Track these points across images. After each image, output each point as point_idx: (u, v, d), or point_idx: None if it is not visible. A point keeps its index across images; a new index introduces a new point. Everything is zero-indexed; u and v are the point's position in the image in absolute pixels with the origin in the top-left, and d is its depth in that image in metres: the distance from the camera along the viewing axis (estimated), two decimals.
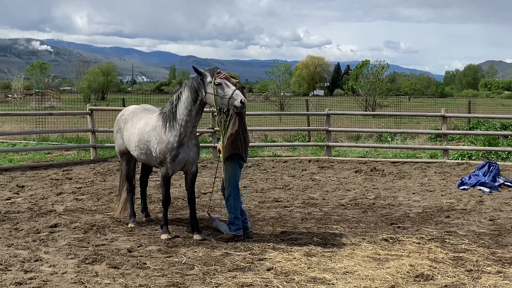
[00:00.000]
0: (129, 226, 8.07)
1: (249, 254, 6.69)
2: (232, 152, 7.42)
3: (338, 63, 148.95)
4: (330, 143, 16.01)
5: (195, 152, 7.50)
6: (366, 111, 40.40)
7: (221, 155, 7.58)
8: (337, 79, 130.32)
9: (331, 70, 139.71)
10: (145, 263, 6.25)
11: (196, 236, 7.44)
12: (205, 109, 7.63)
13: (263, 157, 15.94)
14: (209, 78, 7.12)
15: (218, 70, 7.27)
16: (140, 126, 7.79)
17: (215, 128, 7.15)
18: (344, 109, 32.17)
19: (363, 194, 10.78)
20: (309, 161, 15.06)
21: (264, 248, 6.95)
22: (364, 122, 29.45)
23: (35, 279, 5.66)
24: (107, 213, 8.78)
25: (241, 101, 6.91)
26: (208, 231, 7.80)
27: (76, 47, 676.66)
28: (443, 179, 12.54)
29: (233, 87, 7.02)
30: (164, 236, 7.42)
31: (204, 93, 7.15)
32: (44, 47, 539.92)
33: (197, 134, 7.80)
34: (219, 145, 7.66)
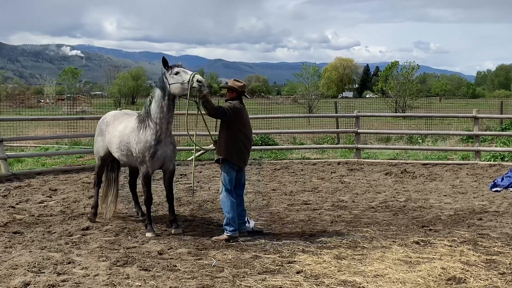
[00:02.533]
0: (91, 218, 8.49)
1: (279, 257, 6.68)
2: (221, 157, 7.57)
3: (367, 64, 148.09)
4: (359, 145, 15.90)
5: (171, 149, 7.92)
6: (396, 112, 40.04)
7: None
8: (366, 81, 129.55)
9: (360, 71, 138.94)
10: (175, 266, 6.29)
11: (174, 230, 7.82)
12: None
13: (292, 159, 15.90)
14: (170, 70, 7.56)
15: (180, 63, 7.73)
16: (120, 128, 8.17)
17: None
18: (374, 111, 31.92)
19: (394, 197, 10.68)
20: (338, 163, 14.97)
21: (294, 251, 6.93)
22: (394, 123, 29.18)
23: (67, 281, 5.74)
24: (138, 216, 8.85)
25: (197, 81, 7.30)
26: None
27: (106, 52, 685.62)
28: (475, 181, 12.35)
29: (190, 72, 7.48)
30: (148, 234, 7.71)
31: (168, 86, 7.56)
32: (74, 52, 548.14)
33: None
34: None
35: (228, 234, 7.51)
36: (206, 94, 7.51)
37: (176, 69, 7.54)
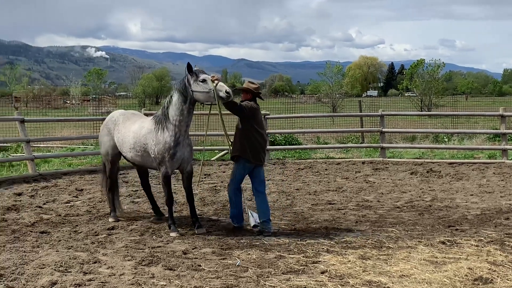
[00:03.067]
0: (110, 221, 8.52)
1: (303, 256, 6.66)
2: (236, 154, 7.77)
3: (392, 62, 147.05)
4: (384, 145, 15.79)
5: (188, 151, 7.92)
6: (421, 111, 39.66)
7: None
8: (391, 79, 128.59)
9: (384, 70, 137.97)
10: (200, 265, 6.31)
11: (198, 230, 7.84)
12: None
13: (316, 159, 15.85)
14: (194, 76, 7.54)
15: (202, 69, 7.75)
16: (134, 129, 8.15)
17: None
18: (399, 109, 31.65)
19: (419, 196, 10.58)
20: (363, 163, 14.88)
21: (318, 250, 6.90)
22: (419, 122, 28.91)
23: (94, 280, 5.79)
24: (163, 216, 8.90)
25: (225, 91, 7.35)
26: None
27: (130, 53, 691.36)
28: (502, 180, 12.17)
29: (216, 81, 7.45)
30: (173, 234, 7.74)
31: (191, 92, 7.56)
32: (99, 53, 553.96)
33: None
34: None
35: (236, 225, 8.04)
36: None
37: (202, 76, 7.51)
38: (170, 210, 8.00)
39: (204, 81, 7.49)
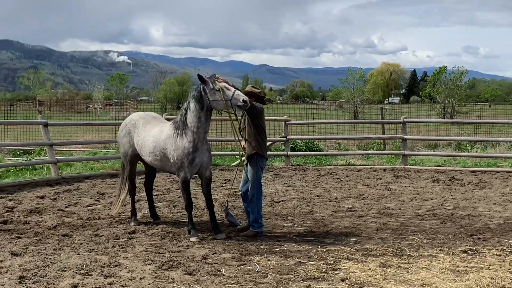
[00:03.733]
0: (131, 225, 8.59)
1: (323, 263, 6.63)
2: (255, 151, 7.95)
3: (414, 69, 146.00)
4: (406, 152, 15.67)
5: (207, 156, 7.99)
6: (444, 118, 39.30)
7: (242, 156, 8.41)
8: (413, 86, 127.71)
9: (407, 76, 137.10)
10: (220, 271, 6.31)
11: (218, 235, 7.90)
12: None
13: (337, 165, 15.79)
14: (210, 85, 7.62)
15: (217, 76, 7.78)
16: (154, 133, 8.22)
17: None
18: (421, 116, 31.38)
19: (441, 204, 10.47)
20: (384, 170, 14.79)
21: (338, 258, 6.87)
22: (442, 130, 28.64)
23: (114, 284, 5.83)
24: (183, 220, 8.94)
25: (243, 100, 7.45)
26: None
27: (153, 58, 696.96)
28: None
29: (233, 89, 7.56)
30: (193, 239, 7.78)
31: (208, 101, 7.65)
32: (121, 58, 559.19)
33: (270, 143, 8.15)
34: (243, 143, 8.22)
35: (255, 230, 8.00)
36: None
37: (218, 85, 7.59)
38: (189, 215, 8.04)
39: (220, 90, 7.56)
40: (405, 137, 15.74)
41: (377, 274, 6.20)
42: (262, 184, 8.21)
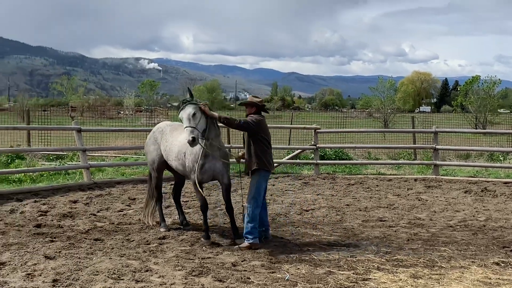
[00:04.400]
0: (161, 231, 8.69)
1: (353, 273, 6.59)
2: (256, 167, 7.94)
3: (446, 78, 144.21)
4: (437, 162, 15.49)
5: (221, 164, 8.11)
6: (476, 128, 38.75)
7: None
8: (445, 95, 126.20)
9: (438, 85, 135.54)
10: (249, 278, 6.33)
11: (238, 241, 7.99)
12: None
13: (367, 175, 15.69)
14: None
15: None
16: (180, 138, 8.43)
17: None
18: (453, 126, 31.01)
19: (473, 216, 10.32)
20: (415, 180, 14.64)
21: (369, 268, 6.83)
22: (474, 140, 28.22)
23: None
24: (212, 227, 8.98)
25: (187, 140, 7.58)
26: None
27: (183, 66, 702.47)
28: None
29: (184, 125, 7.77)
30: (203, 240, 8.02)
31: None
32: (151, 65, 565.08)
33: (299, 151, 8.20)
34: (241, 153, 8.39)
35: (250, 242, 7.84)
36: (220, 116, 7.97)
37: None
38: (204, 216, 8.20)
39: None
40: (436, 147, 15.56)
41: (408, 285, 6.15)
42: (291, 192, 8.21)
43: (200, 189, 8.07)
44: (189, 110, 7.69)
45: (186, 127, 7.62)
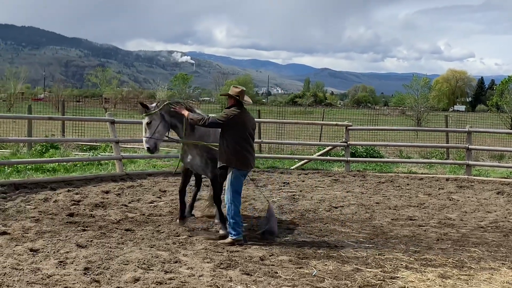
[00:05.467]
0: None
1: (381, 271, 6.58)
2: (222, 165, 7.85)
3: (482, 77, 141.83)
4: (470, 162, 15.27)
5: (198, 160, 8.33)
6: (511, 129, 38.02)
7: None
8: (480, 94, 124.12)
9: (473, 84, 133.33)
10: (277, 272, 6.37)
11: (220, 231, 8.11)
12: None
13: (397, 173, 15.56)
14: None
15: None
16: None
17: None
18: (487, 126, 30.52)
19: (505, 217, 10.17)
20: (447, 179, 14.47)
21: (397, 266, 6.80)
22: (508, 140, 27.73)
23: (174, 279, 5.97)
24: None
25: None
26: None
27: (215, 59, 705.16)
28: None
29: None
30: (221, 232, 8.09)
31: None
32: (184, 58, 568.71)
33: (330, 148, 8.25)
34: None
35: (232, 238, 7.74)
36: (187, 116, 7.97)
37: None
38: (217, 208, 8.37)
39: None
40: (469, 146, 15.35)
41: (436, 284, 6.12)
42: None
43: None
44: (144, 121, 8.10)
45: (144, 137, 8.08)
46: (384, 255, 7.30)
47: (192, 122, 7.92)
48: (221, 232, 8.06)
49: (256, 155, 16.23)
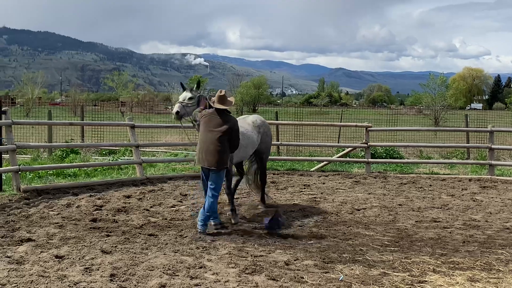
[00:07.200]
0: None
1: (408, 275, 6.49)
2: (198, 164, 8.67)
3: (498, 75, 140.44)
4: (493, 162, 15.08)
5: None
6: None
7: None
8: (497, 92, 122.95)
9: (490, 82, 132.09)
10: (303, 277, 6.30)
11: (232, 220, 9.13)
12: None
13: (419, 174, 15.42)
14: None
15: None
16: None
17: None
18: (507, 124, 30.14)
19: None
20: (470, 180, 14.30)
21: (424, 270, 6.71)
22: None
23: (200, 285, 5.93)
24: (260, 225, 8.99)
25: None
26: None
27: (229, 61, 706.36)
28: None
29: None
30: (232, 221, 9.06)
31: None
32: (198, 60, 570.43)
33: (350, 149, 8.58)
34: None
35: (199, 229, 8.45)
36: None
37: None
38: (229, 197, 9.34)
39: None
40: (492, 146, 15.16)
41: None
42: (341, 190, 8.12)
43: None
44: (185, 94, 9.18)
45: (178, 102, 9.03)
46: (410, 259, 7.20)
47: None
48: (233, 221, 8.98)
49: (274, 157, 16.27)
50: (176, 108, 8.92)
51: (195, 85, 9.30)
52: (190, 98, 9.03)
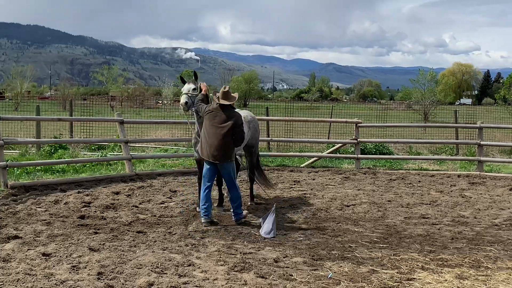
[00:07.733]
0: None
1: (397, 272, 6.49)
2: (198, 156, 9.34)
3: (488, 70, 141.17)
4: (482, 158, 15.14)
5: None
6: None
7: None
8: (486, 88, 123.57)
9: (479, 77, 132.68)
10: (292, 275, 6.28)
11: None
12: None
13: (408, 170, 15.45)
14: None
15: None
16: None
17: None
18: (495, 120, 30.25)
19: None
20: (459, 176, 14.35)
21: (413, 267, 6.71)
22: None
23: (188, 284, 5.90)
24: (254, 221, 8.98)
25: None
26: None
27: (220, 56, 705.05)
28: None
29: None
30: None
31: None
32: (188, 54, 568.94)
33: (340, 145, 8.70)
34: None
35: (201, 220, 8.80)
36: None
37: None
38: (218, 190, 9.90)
39: None
40: (481, 142, 15.21)
41: (453, 286, 6.04)
42: (330, 186, 8.12)
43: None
44: (192, 85, 9.58)
45: (184, 93, 9.42)
46: (399, 256, 7.20)
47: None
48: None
49: (265, 153, 16.23)
50: (184, 99, 9.36)
51: (193, 77, 9.86)
52: (194, 89, 9.53)
